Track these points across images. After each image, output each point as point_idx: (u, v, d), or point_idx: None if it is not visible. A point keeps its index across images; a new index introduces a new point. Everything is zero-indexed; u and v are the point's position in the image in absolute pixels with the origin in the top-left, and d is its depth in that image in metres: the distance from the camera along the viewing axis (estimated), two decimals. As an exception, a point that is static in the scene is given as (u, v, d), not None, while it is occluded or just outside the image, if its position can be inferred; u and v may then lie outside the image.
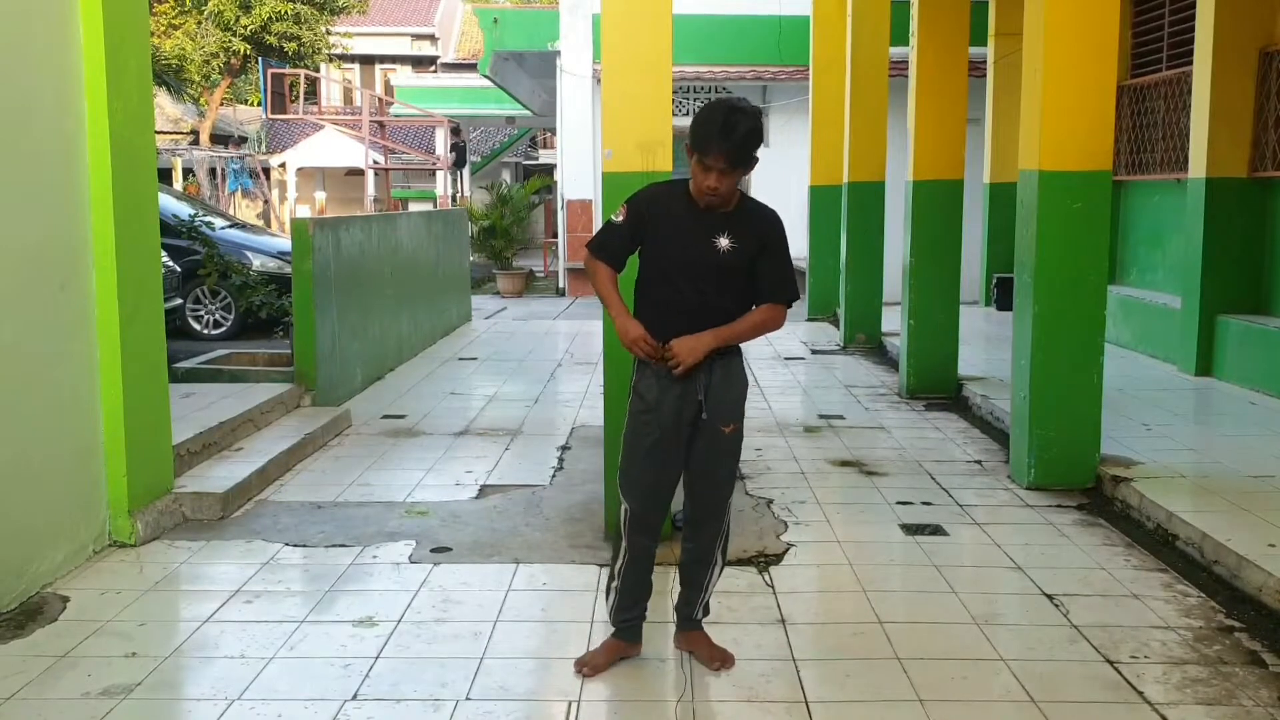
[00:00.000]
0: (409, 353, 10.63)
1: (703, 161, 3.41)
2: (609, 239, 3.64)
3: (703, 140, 3.40)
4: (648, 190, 3.69)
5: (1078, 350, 5.92)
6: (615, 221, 3.62)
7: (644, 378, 3.63)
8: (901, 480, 6.19)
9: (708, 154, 3.39)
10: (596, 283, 3.67)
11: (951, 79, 8.63)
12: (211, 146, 31.66)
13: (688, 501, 3.78)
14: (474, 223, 18.90)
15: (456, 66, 36.70)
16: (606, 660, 3.75)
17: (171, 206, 11.52)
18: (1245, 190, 8.77)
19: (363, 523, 5.41)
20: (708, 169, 3.41)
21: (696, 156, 3.43)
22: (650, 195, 3.65)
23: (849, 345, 11.41)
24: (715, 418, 3.61)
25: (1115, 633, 4.06)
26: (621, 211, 3.61)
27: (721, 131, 3.37)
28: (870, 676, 3.71)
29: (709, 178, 3.42)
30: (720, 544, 3.79)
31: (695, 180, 3.49)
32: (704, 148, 3.40)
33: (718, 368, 3.60)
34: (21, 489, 4.39)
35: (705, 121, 3.42)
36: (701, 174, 3.44)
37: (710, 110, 3.45)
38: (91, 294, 4.89)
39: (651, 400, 3.60)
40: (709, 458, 3.66)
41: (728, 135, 3.37)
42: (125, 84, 4.99)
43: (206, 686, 3.64)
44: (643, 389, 3.62)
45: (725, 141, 3.37)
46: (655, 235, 3.57)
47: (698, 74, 17.18)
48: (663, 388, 3.58)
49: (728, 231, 3.53)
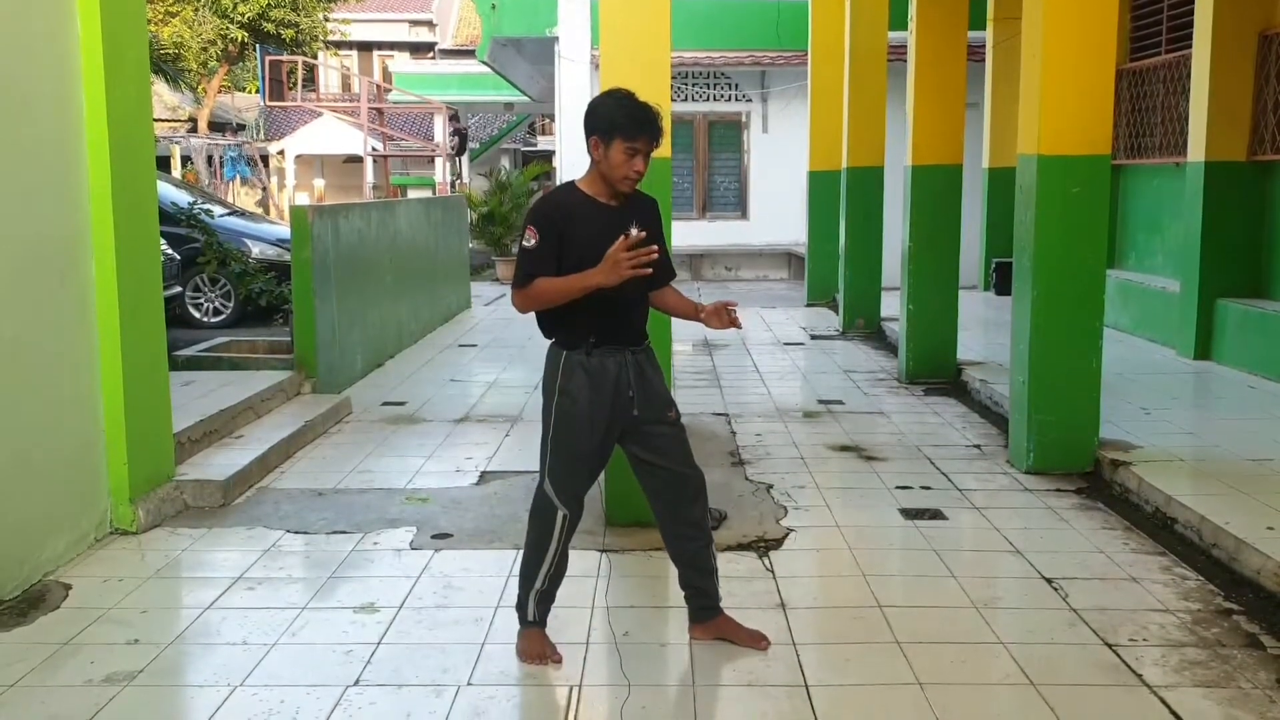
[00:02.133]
0: (409, 340, 10.64)
1: (632, 147, 3.52)
2: (534, 267, 3.55)
3: (635, 127, 3.52)
4: (544, 206, 3.64)
5: (1076, 334, 5.93)
6: (530, 246, 3.54)
7: (573, 379, 3.61)
8: (901, 465, 6.20)
9: (637, 138, 3.52)
10: (546, 295, 3.55)
11: (950, 63, 8.61)
12: (209, 134, 31.62)
13: (665, 497, 3.79)
14: (473, 209, 18.89)
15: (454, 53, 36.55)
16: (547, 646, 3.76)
17: (170, 194, 11.51)
18: (1244, 174, 8.76)
19: (363, 509, 5.43)
20: (635, 153, 3.54)
21: (623, 144, 3.52)
22: (552, 207, 3.62)
23: (848, 330, 11.42)
24: (650, 411, 3.69)
25: (1114, 616, 4.07)
26: (531, 233, 3.54)
27: (651, 117, 3.55)
28: (870, 660, 3.73)
29: (637, 162, 3.55)
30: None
31: (617, 167, 3.55)
32: (635, 134, 3.52)
33: (644, 363, 3.71)
34: (23, 478, 4.40)
35: (630, 109, 3.54)
36: (627, 160, 3.54)
37: (624, 99, 3.58)
38: (91, 284, 4.89)
39: (584, 401, 3.60)
40: (665, 443, 3.73)
41: (655, 120, 3.57)
42: (123, 74, 4.98)
43: (209, 673, 3.65)
44: (573, 390, 3.60)
45: (654, 126, 3.56)
46: (573, 241, 3.55)
47: (696, 59, 17.16)
48: (594, 387, 3.60)
49: (635, 221, 3.60)
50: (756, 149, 17.96)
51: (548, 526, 3.71)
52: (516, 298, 3.60)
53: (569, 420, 3.63)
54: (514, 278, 3.60)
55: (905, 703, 3.42)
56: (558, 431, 3.65)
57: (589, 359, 3.61)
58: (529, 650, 3.73)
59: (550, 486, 3.69)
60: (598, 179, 3.63)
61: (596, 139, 3.56)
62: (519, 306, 3.62)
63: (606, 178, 3.60)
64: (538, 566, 3.76)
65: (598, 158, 3.58)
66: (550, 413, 3.66)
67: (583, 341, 3.61)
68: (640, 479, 3.84)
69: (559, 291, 3.55)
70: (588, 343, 3.61)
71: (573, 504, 3.71)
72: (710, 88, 17.83)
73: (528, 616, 3.79)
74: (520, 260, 3.59)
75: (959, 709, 3.37)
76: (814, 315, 12.87)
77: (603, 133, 3.55)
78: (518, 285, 3.58)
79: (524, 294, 3.57)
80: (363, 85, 28.51)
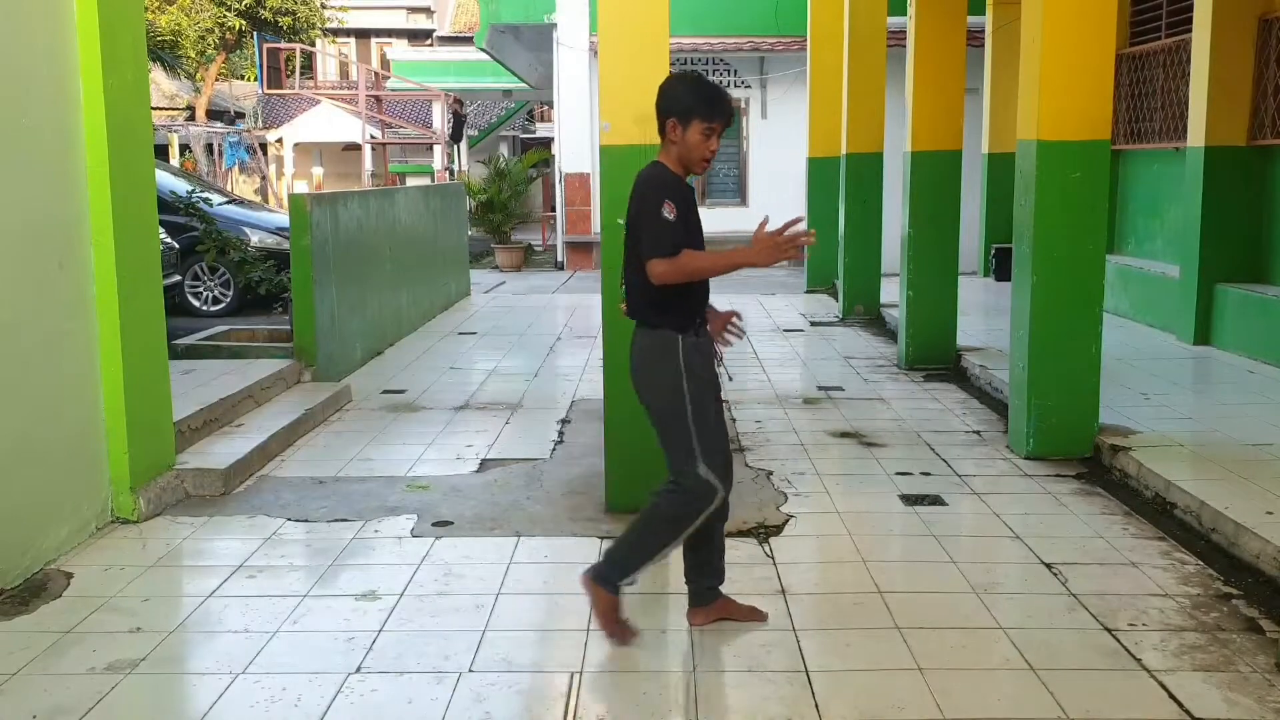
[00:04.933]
0: (408, 328, 10.64)
1: (710, 127, 3.59)
2: (677, 237, 3.56)
3: (712, 108, 3.58)
4: (668, 179, 3.65)
5: (1076, 320, 5.93)
6: (671, 219, 3.55)
7: (695, 356, 3.64)
8: (900, 451, 6.21)
9: (714, 119, 3.59)
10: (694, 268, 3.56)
11: (949, 49, 8.59)
12: (208, 122, 31.54)
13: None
14: (472, 197, 18.87)
15: (453, 40, 36.48)
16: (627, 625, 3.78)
17: (169, 183, 11.51)
18: (1244, 158, 8.75)
19: (364, 497, 5.43)
20: (712, 133, 3.60)
21: (701, 125, 3.58)
22: (674, 182, 3.65)
23: (847, 317, 11.42)
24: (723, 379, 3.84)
25: (1113, 601, 4.08)
26: (669, 207, 3.55)
27: (721, 98, 3.62)
28: (870, 646, 3.74)
29: (713, 142, 3.62)
30: None
31: (695, 148, 3.61)
32: (712, 115, 3.58)
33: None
34: (24, 467, 4.40)
35: (707, 91, 3.61)
36: (704, 141, 3.60)
37: (698, 82, 3.65)
38: (90, 272, 4.88)
39: (708, 376, 3.69)
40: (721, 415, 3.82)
41: (729, 101, 3.65)
42: (120, 60, 4.96)
43: (211, 661, 3.66)
44: (698, 368, 3.65)
45: (729, 106, 3.64)
46: (686, 218, 3.62)
47: (695, 45, 17.12)
48: (705, 365, 3.69)
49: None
50: (756, 135, 17.93)
51: (699, 509, 3.65)
52: (661, 265, 3.52)
53: (704, 399, 3.66)
54: (654, 248, 3.53)
55: (905, 687, 3.43)
56: (699, 412, 3.65)
57: (699, 339, 3.69)
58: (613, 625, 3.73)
59: (707, 469, 3.64)
60: (674, 159, 3.67)
61: (674, 121, 3.61)
62: (664, 275, 3.53)
63: (683, 159, 3.65)
64: (663, 546, 3.72)
65: (675, 139, 3.63)
66: (684, 397, 3.63)
67: (691, 323, 3.67)
68: None
69: (711, 266, 3.58)
70: (695, 324, 3.68)
71: (729, 481, 3.72)
72: (709, 74, 17.77)
73: (623, 584, 3.74)
74: (662, 231, 3.54)
75: (959, 694, 3.38)
76: (813, 302, 12.86)
77: (680, 114, 3.60)
78: (664, 254, 3.52)
79: (674, 264, 3.52)
80: (361, 73, 28.48)
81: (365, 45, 45.31)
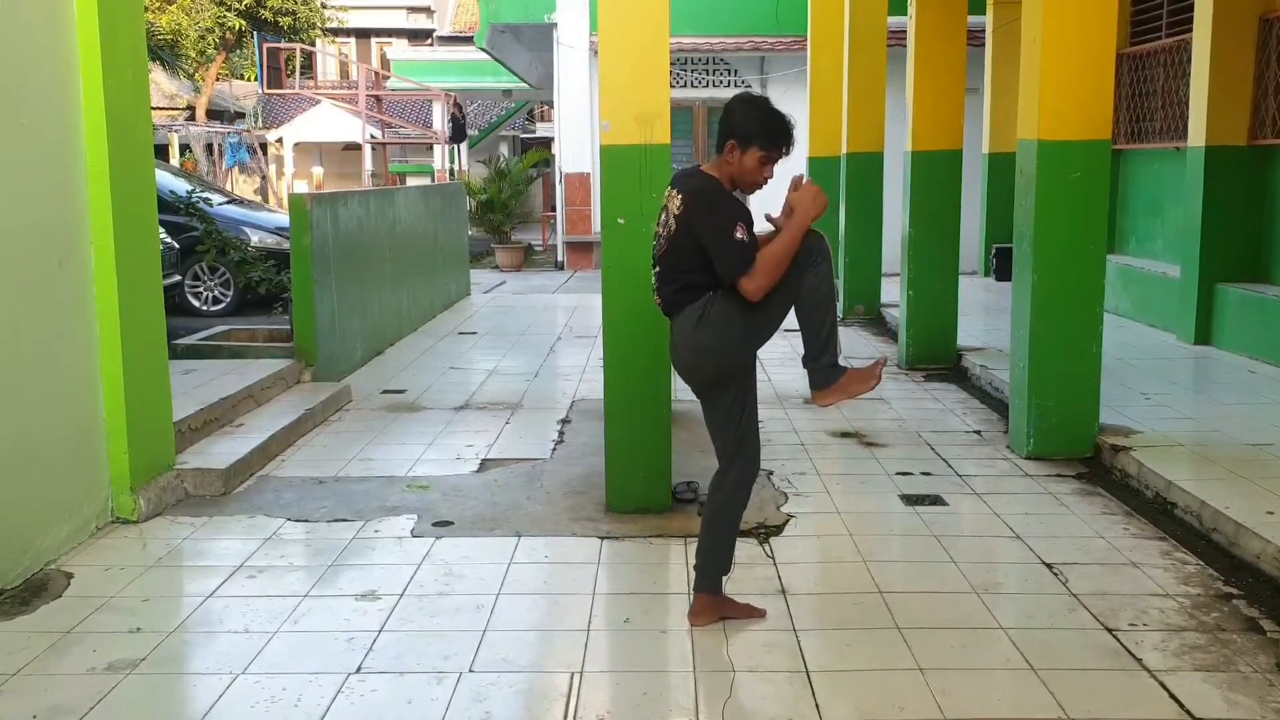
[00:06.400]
0: (408, 327, 10.64)
1: (768, 156, 3.64)
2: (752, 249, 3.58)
3: (774, 141, 3.63)
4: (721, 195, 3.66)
5: (1077, 320, 5.92)
6: (742, 239, 3.56)
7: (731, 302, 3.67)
8: (901, 451, 6.21)
9: (774, 150, 3.64)
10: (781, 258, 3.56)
11: (950, 48, 8.59)
12: (208, 122, 31.55)
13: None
14: (472, 197, 18.88)
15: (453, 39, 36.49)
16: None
17: (169, 183, 11.51)
18: (1244, 158, 8.75)
19: (364, 497, 5.43)
20: (769, 162, 3.66)
21: (759, 153, 3.62)
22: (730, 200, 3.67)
23: (848, 317, 11.41)
24: None
25: (1114, 601, 4.08)
26: (740, 229, 3.56)
27: (789, 129, 3.67)
28: (871, 646, 3.74)
29: (768, 170, 3.68)
30: None
31: (749, 173, 3.67)
32: (773, 147, 3.63)
33: None
34: (24, 466, 4.40)
35: (773, 122, 3.64)
36: (759, 168, 3.65)
37: (766, 109, 3.66)
38: (90, 271, 4.88)
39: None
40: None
41: (792, 133, 3.69)
42: (120, 60, 4.96)
43: (211, 661, 3.66)
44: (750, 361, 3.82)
45: (791, 139, 3.69)
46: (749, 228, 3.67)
47: (695, 45, 17.11)
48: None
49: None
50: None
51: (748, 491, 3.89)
52: (753, 282, 3.55)
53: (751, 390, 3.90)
54: (735, 267, 3.55)
55: (905, 687, 3.43)
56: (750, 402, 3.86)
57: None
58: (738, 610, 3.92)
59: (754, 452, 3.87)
60: (725, 174, 3.70)
61: (734, 143, 3.64)
62: (761, 290, 3.56)
63: (735, 179, 3.70)
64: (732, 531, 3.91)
65: (731, 159, 3.67)
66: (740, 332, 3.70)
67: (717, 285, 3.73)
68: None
69: (786, 250, 3.58)
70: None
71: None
72: (709, 74, 17.77)
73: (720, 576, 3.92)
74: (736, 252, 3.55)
75: (959, 694, 3.38)
76: (814, 301, 12.83)
77: (741, 139, 3.64)
78: (746, 271, 3.54)
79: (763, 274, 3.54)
80: (361, 72, 28.49)
81: (365, 45, 45.32)
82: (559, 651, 3.74)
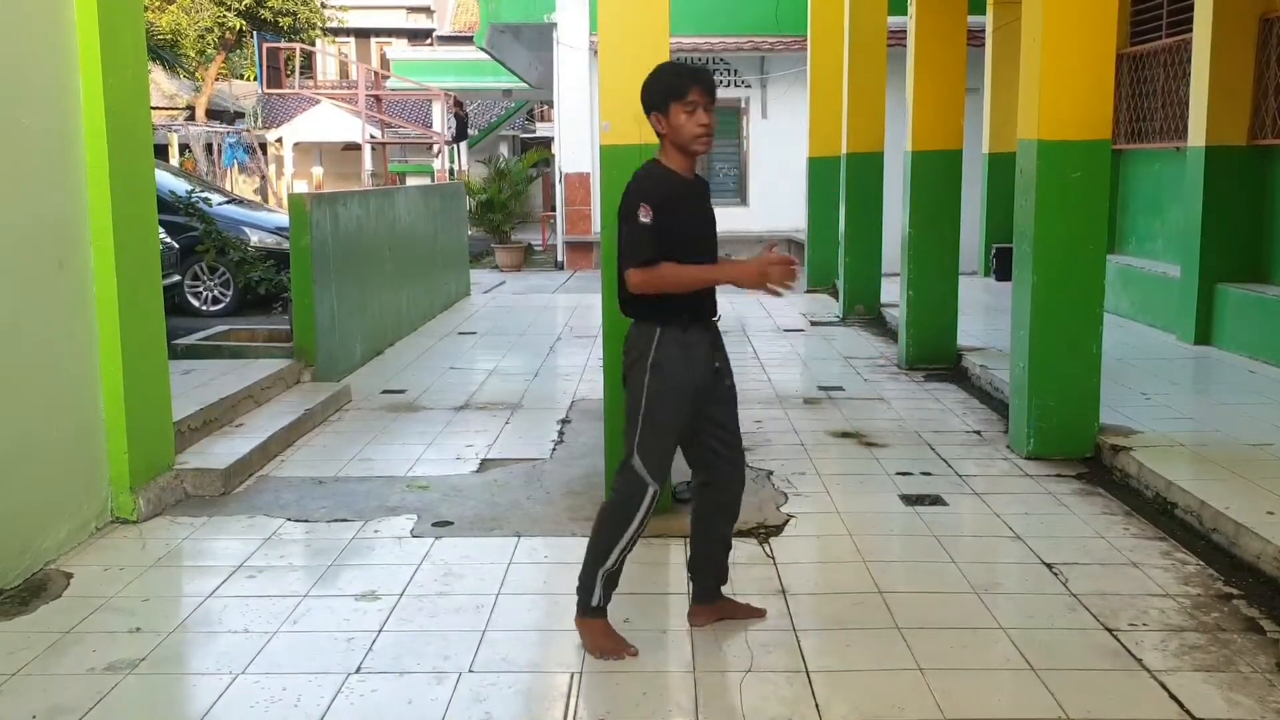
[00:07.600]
0: (408, 327, 10.64)
1: (689, 102, 3.52)
2: (655, 247, 3.50)
3: (681, 83, 3.53)
4: (650, 183, 3.59)
5: (1077, 320, 5.92)
6: (648, 223, 3.49)
7: (668, 354, 3.58)
8: (901, 451, 6.20)
9: (688, 93, 3.51)
10: (673, 281, 3.52)
11: (950, 48, 8.59)
12: (207, 122, 31.56)
13: (712, 464, 3.79)
14: (472, 197, 18.87)
15: (452, 39, 36.51)
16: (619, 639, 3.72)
17: (168, 183, 11.50)
18: (1245, 158, 8.74)
19: (364, 497, 5.43)
20: (695, 107, 3.52)
21: (679, 105, 3.52)
22: (652, 185, 3.58)
23: (848, 317, 11.41)
24: (728, 378, 3.78)
25: (1114, 601, 4.08)
26: (645, 211, 3.49)
27: (689, 72, 3.56)
28: (870, 646, 3.74)
29: (699, 116, 3.53)
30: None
31: (683, 129, 3.54)
32: (684, 89, 3.52)
33: (718, 335, 3.77)
34: (23, 466, 4.40)
35: (671, 70, 3.61)
36: (689, 117, 3.53)
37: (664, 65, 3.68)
38: (90, 271, 4.88)
39: (681, 375, 3.59)
40: (728, 413, 3.78)
41: (700, 70, 3.59)
42: (120, 59, 4.96)
43: (211, 661, 3.66)
44: (667, 365, 3.58)
45: (701, 75, 3.56)
46: (674, 218, 3.54)
47: (695, 45, 17.11)
48: (690, 360, 3.60)
49: (707, 195, 3.71)
50: (756, 135, 17.92)
51: (635, 503, 3.62)
52: (638, 276, 3.49)
53: (659, 397, 3.60)
54: (630, 255, 3.51)
55: (905, 687, 3.43)
56: (649, 407, 3.61)
57: (684, 334, 3.60)
58: (603, 645, 3.66)
59: (640, 462, 3.61)
60: (672, 152, 3.62)
61: (656, 114, 3.58)
62: (639, 286, 3.51)
63: (679, 147, 3.59)
64: (613, 545, 3.66)
65: (663, 130, 3.58)
66: (642, 389, 3.60)
67: (677, 318, 3.60)
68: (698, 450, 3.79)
69: (690, 279, 3.54)
70: (682, 319, 3.61)
71: (662, 478, 3.66)
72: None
73: (593, 602, 3.68)
74: (637, 239, 3.50)
75: (959, 694, 3.38)
76: (814, 301, 12.86)
77: (658, 105, 3.57)
78: (639, 263, 3.49)
79: (650, 274, 3.49)
80: (360, 72, 28.48)
81: (365, 45, 45.32)
82: (559, 651, 3.73)
